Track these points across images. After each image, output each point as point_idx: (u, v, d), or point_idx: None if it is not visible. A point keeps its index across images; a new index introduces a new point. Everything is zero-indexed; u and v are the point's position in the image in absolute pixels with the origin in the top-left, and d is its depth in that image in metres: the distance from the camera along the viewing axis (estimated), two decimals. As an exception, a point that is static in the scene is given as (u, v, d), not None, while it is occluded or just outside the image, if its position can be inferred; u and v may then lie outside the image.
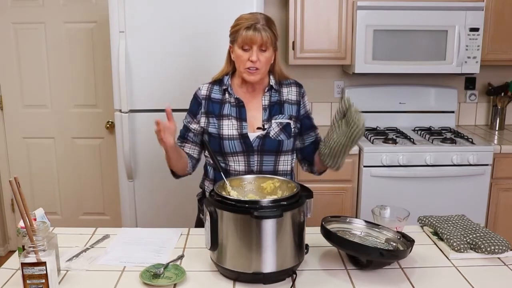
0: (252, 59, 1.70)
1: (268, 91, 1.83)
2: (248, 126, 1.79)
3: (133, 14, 2.56)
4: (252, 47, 1.70)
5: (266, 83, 1.84)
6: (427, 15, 2.89)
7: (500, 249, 1.51)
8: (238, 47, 1.73)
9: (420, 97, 3.33)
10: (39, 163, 3.50)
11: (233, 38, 1.75)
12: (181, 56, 2.62)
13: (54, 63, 3.35)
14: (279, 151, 1.80)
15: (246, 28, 1.69)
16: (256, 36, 1.68)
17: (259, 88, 1.83)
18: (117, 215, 2.96)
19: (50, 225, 1.47)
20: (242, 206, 1.35)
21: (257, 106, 1.83)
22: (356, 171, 2.86)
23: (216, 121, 1.80)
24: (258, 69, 1.72)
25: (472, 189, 2.83)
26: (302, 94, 1.88)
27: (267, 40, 1.70)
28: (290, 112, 1.84)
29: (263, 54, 1.72)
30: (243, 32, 1.69)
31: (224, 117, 1.80)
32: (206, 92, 1.84)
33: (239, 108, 1.80)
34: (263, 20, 1.72)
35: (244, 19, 1.73)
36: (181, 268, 1.44)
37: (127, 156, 2.67)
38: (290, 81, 1.89)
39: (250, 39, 1.69)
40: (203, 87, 1.86)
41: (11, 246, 3.61)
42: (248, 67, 1.72)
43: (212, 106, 1.82)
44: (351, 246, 1.44)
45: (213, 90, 1.84)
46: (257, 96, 1.83)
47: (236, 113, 1.80)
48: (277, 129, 1.80)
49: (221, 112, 1.81)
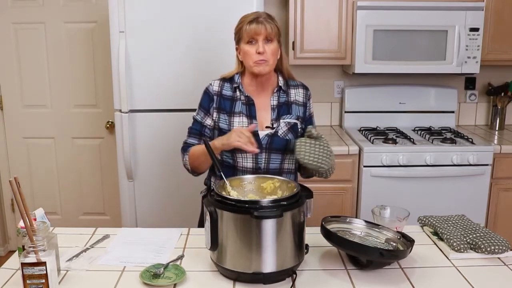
0: (259, 51, 1.73)
1: (277, 91, 1.86)
2: (258, 125, 1.82)
3: (133, 14, 2.56)
4: (258, 40, 1.74)
5: (275, 84, 1.87)
6: (427, 15, 2.89)
7: (500, 249, 1.51)
8: (244, 43, 1.77)
9: (420, 97, 3.33)
10: (39, 163, 3.50)
11: (238, 36, 1.80)
12: (181, 56, 2.62)
13: (54, 63, 3.35)
14: (286, 150, 1.83)
15: (249, 22, 1.74)
16: (260, 28, 1.73)
17: (268, 88, 1.86)
18: (117, 215, 2.96)
19: (50, 225, 1.47)
20: (242, 206, 1.35)
21: (266, 106, 1.85)
22: (356, 171, 2.86)
23: (227, 118, 1.83)
24: (266, 61, 1.75)
25: (472, 189, 2.83)
26: (308, 96, 1.93)
27: (271, 31, 1.74)
28: (298, 113, 1.88)
29: (269, 46, 1.75)
30: (247, 27, 1.74)
31: (235, 114, 1.83)
32: (218, 88, 1.86)
33: (249, 106, 1.83)
34: (264, 14, 1.78)
35: (246, 17, 1.78)
36: (181, 268, 1.44)
37: (127, 156, 2.67)
38: (297, 83, 1.93)
39: (254, 31, 1.73)
40: (214, 83, 1.88)
41: (11, 246, 3.61)
42: (256, 60, 1.75)
43: (223, 102, 1.84)
44: (351, 246, 1.44)
45: (224, 87, 1.87)
46: (266, 96, 1.86)
47: (246, 110, 1.83)
48: (285, 128, 1.83)
49: (232, 109, 1.83)
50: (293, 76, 1.92)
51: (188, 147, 1.89)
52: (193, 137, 1.89)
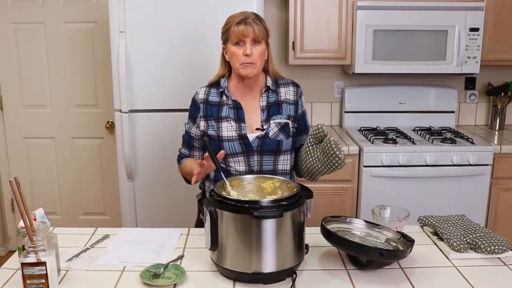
0: (246, 53, 1.70)
1: (265, 92, 1.84)
2: (247, 127, 1.80)
3: (133, 14, 2.56)
4: (245, 41, 1.71)
5: (263, 84, 1.85)
6: (427, 15, 2.89)
7: (500, 249, 1.51)
8: (231, 44, 1.74)
9: (420, 97, 3.33)
10: (39, 163, 3.50)
11: (225, 37, 1.76)
12: (181, 56, 2.62)
13: (54, 63, 3.35)
14: (279, 151, 1.81)
15: (237, 24, 1.71)
16: (248, 29, 1.70)
17: (256, 89, 1.84)
18: (117, 215, 2.96)
19: (50, 225, 1.47)
20: (242, 206, 1.35)
21: (254, 107, 1.83)
22: (356, 171, 2.86)
23: (215, 124, 1.81)
24: (253, 63, 1.72)
25: (472, 189, 2.83)
26: (299, 94, 1.89)
27: (259, 33, 1.71)
28: (288, 112, 1.84)
29: (257, 47, 1.72)
30: (235, 28, 1.71)
31: (222, 119, 1.81)
32: (204, 95, 1.85)
33: (237, 109, 1.81)
34: (253, 15, 1.74)
35: (234, 17, 1.75)
36: (181, 268, 1.44)
37: (127, 156, 2.67)
38: (287, 81, 1.89)
39: (242, 33, 1.70)
40: (200, 91, 1.87)
41: (11, 246, 3.61)
42: (243, 62, 1.72)
43: (210, 109, 1.83)
44: (351, 246, 1.44)
45: (211, 93, 1.85)
46: (255, 98, 1.84)
47: (234, 114, 1.81)
48: (276, 129, 1.80)
49: (219, 115, 1.81)
50: (281, 75, 1.88)
51: (181, 157, 1.93)
52: (185, 147, 1.93)
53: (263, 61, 1.77)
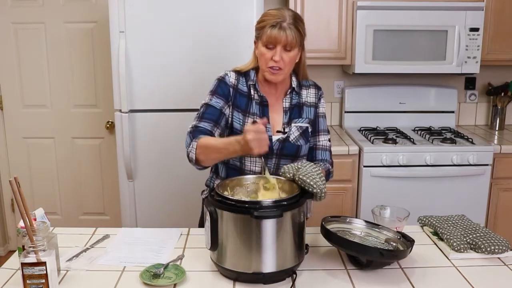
0: (275, 59, 1.63)
1: (289, 93, 1.79)
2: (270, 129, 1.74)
3: (133, 14, 2.56)
4: (276, 46, 1.63)
5: (288, 85, 1.79)
6: (427, 15, 2.89)
7: (500, 249, 1.51)
8: (262, 44, 1.66)
9: (420, 97, 3.33)
10: (39, 163, 3.50)
11: (258, 34, 1.68)
12: (181, 56, 2.62)
13: (54, 63, 3.35)
14: (297, 156, 1.77)
15: (272, 26, 1.62)
16: (281, 35, 1.61)
17: (281, 89, 1.78)
18: (117, 215, 2.96)
19: (50, 225, 1.47)
20: (242, 206, 1.34)
21: (278, 108, 1.78)
22: (356, 171, 2.86)
23: (241, 117, 1.73)
24: (281, 69, 1.66)
25: (472, 189, 2.83)
26: (320, 96, 1.85)
27: (292, 40, 1.62)
28: (309, 115, 1.80)
29: (287, 54, 1.65)
30: (268, 30, 1.62)
31: (250, 115, 1.74)
32: (234, 81, 1.75)
33: (262, 107, 1.75)
34: (290, 19, 1.63)
35: (271, 16, 1.64)
36: (181, 268, 1.44)
37: (127, 156, 2.67)
38: (309, 82, 1.85)
39: (274, 38, 1.62)
40: (231, 74, 1.76)
41: (11, 246, 3.61)
42: (270, 66, 1.65)
43: (239, 98, 1.74)
44: (351, 246, 1.44)
45: (240, 81, 1.76)
46: (278, 98, 1.79)
47: (260, 111, 1.74)
48: (297, 133, 1.76)
49: (248, 109, 1.74)
50: (307, 77, 1.83)
51: (199, 133, 1.65)
52: (206, 121, 1.68)
53: (292, 66, 1.70)
